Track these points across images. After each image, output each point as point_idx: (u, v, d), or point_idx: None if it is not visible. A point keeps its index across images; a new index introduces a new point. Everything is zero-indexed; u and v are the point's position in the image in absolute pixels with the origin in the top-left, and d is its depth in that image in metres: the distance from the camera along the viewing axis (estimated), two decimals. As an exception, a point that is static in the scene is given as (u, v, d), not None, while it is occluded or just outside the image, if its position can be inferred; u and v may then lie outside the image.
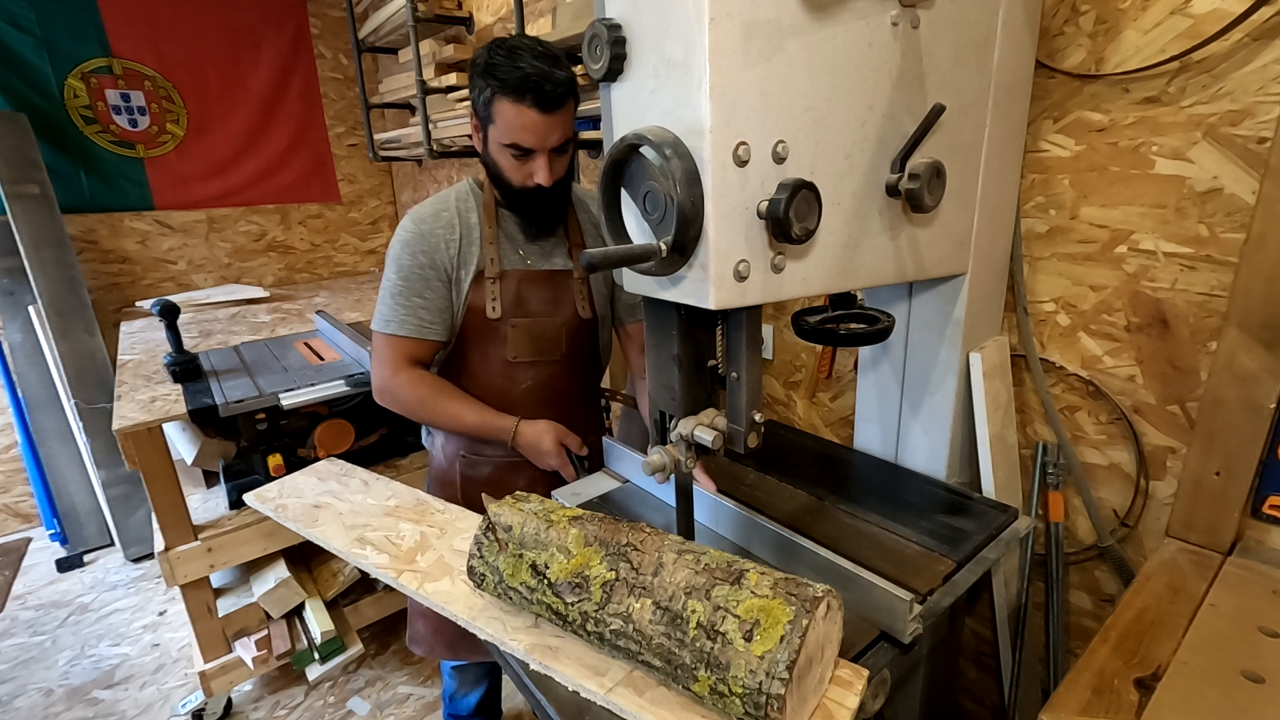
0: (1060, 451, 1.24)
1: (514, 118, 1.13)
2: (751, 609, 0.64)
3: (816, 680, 0.68)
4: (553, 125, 1.15)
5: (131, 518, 2.83)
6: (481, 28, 2.66)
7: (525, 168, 1.19)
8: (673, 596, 0.69)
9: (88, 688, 2.17)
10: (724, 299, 0.73)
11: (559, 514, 0.84)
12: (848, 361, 1.62)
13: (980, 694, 1.51)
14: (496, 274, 1.28)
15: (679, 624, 0.67)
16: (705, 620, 0.66)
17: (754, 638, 0.63)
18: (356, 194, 3.86)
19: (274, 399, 1.81)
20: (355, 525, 1.07)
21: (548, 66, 1.11)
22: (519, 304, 1.30)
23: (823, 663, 0.69)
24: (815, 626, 0.64)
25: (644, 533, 0.77)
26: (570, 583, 0.76)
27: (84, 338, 2.67)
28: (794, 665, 0.61)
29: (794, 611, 0.63)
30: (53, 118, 2.92)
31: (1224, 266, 1.01)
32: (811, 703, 0.68)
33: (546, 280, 1.32)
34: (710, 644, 0.65)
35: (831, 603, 0.68)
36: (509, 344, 1.31)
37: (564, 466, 1.30)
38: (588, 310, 1.33)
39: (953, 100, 0.90)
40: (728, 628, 0.64)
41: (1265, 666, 0.76)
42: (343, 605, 2.13)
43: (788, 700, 0.61)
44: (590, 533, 0.79)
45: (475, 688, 1.72)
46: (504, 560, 0.81)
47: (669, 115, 0.70)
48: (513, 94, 1.10)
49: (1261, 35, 0.92)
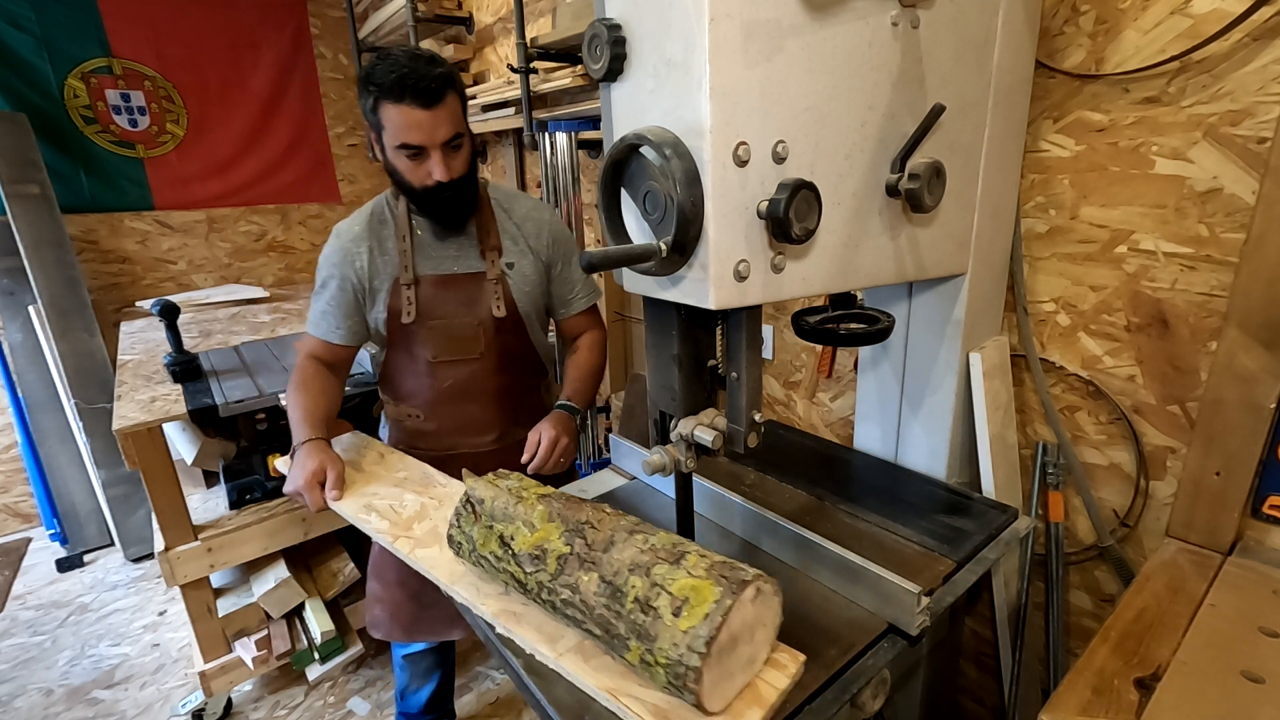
0: (1060, 451, 1.24)
1: (398, 118, 1.17)
2: (684, 588, 0.69)
3: (746, 660, 0.72)
4: (437, 120, 1.18)
5: (131, 518, 2.83)
6: (481, 28, 2.66)
7: (422, 167, 1.23)
8: (617, 572, 0.74)
9: (88, 688, 2.17)
10: (724, 299, 0.73)
11: (530, 491, 0.90)
12: (848, 361, 1.62)
13: (980, 694, 1.51)
14: (410, 280, 1.34)
15: (619, 597, 0.73)
16: (642, 595, 0.71)
17: (681, 614, 0.67)
18: (356, 194, 3.86)
19: (274, 399, 1.81)
20: (365, 493, 1.17)
21: (422, 65, 1.16)
22: (433, 307, 1.36)
23: (753, 644, 0.72)
24: (741, 608, 0.68)
25: (603, 513, 0.83)
26: (531, 554, 0.82)
27: (84, 338, 2.67)
28: (713, 642, 0.65)
29: (721, 592, 0.67)
30: (53, 118, 2.91)
31: (1224, 266, 1.01)
32: (739, 680, 0.72)
33: (459, 283, 1.37)
34: (644, 617, 0.70)
35: (764, 587, 0.72)
36: (427, 345, 1.38)
37: (307, 493, 1.19)
38: (501, 310, 1.37)
39: (953, 100, 0.90)
40: (660, 603, 0.69)
41: (1265, 666, 0.76)
42: (343, 605, 2.13)
43: (705, 674, 0.65)
44: (554, 510, 0.85)
45: (427, 681, 1.73)
46: (477, 531, 0.89)
47: (669, 115, 0.70)
48: (392, 95, 1.15)
49: (1261, 35, 0.92)
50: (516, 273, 1.40)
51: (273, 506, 1.96)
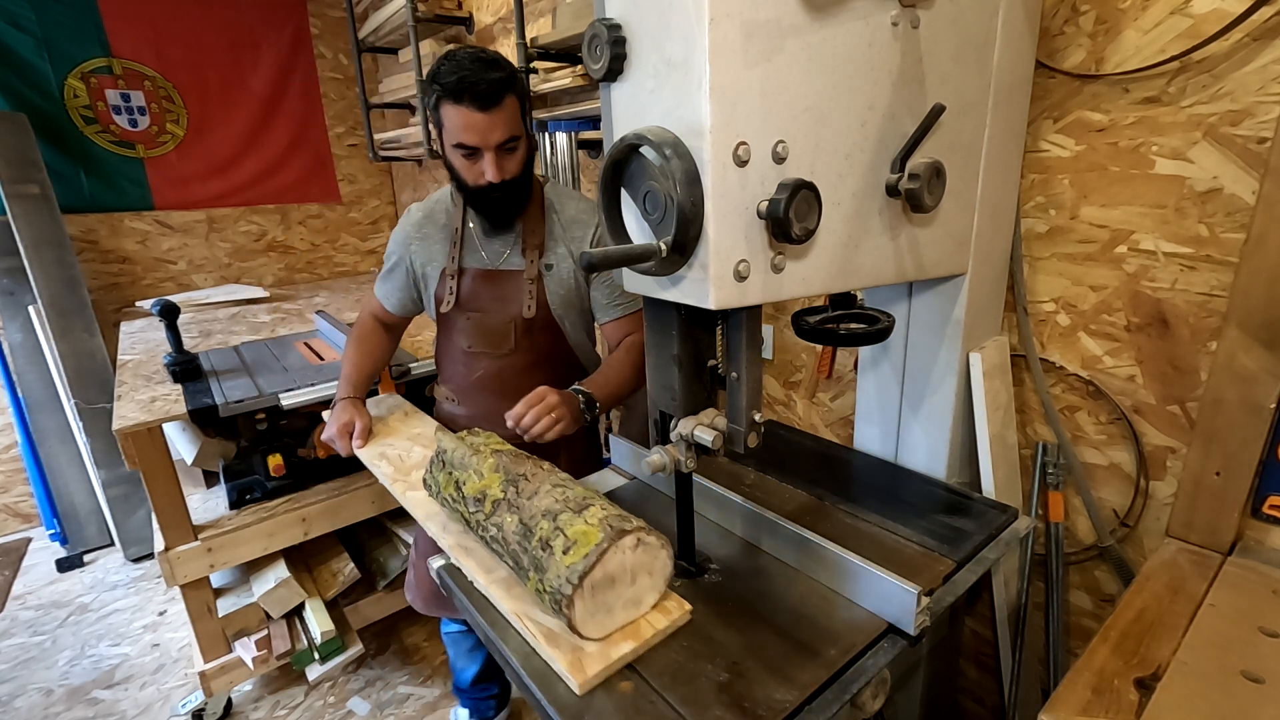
0: (1060, 451, 1.24)
1: (456, 118, 1.22)
2: (577, 532, 0.82)
3: (629, 600, 0.85)
4: (493, 123, 1.22)
5: (131, 518, 2.83)
6: (481, 28, 2.66)
7: (475, 167, 1.27)
8: (532, 516, 0.88)
9: (88, 688, 2.17)
10: (724, 299, 0.73)
11: (488, 448, 1.04)
12: (848, 361, 1.62)
13: (980, 694, 1.51)
14: (455, 270, 1.43)
15: (529, 536, 0.87)
16: (545, 536, 0.84)
17: (570, 552, 0.81)
18: (356, 194, 3.86)
19: (274, 399, 1.81)
20: (383, 444, 1.39)
21: (482, 69, 1.20)
22: (472, 299, 1.44)
23: (635, 587, 0.85)
24: (619, 552, 0.81)
25: (540, 469, 0.97)
26: (474, 498, 0.98)
27: (84, 338, 2.67)
28: (586, 576, 0.78)
29: (603, 538, 0.80)
30: (53, 118, 2.91)
31: (1224, 266, 1.01)
32: (621, 617, 0.84)
33: (498, 279, 1.42)
34: (542, 554, 0.84)
35: (646, 539, 0.84)
36: (463, 335, 1.46)
37: (338, 439, 1.40)
38: (532, 310, 1.40)
39: (953, 100, 0.90)
40: (556, 544, 0.83)
41: (1265, 666, 0.76)
42: (343, 605, 2.13)
43: (576, 602, 0.79)
44: (502, 463, 0.99)
45: (472, 660, 1.81)
46: (442, 476, 1.06)
47: (669, 115, 0.70)
48: (452, 96, 1.20)
49: (1261, 35, 0.92)
50: (554, 274, 1.41)
51: (273, 506, 1.96)
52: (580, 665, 0.79)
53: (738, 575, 0.98)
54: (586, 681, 0.77)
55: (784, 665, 0.80)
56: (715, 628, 0.87)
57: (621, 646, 0.81)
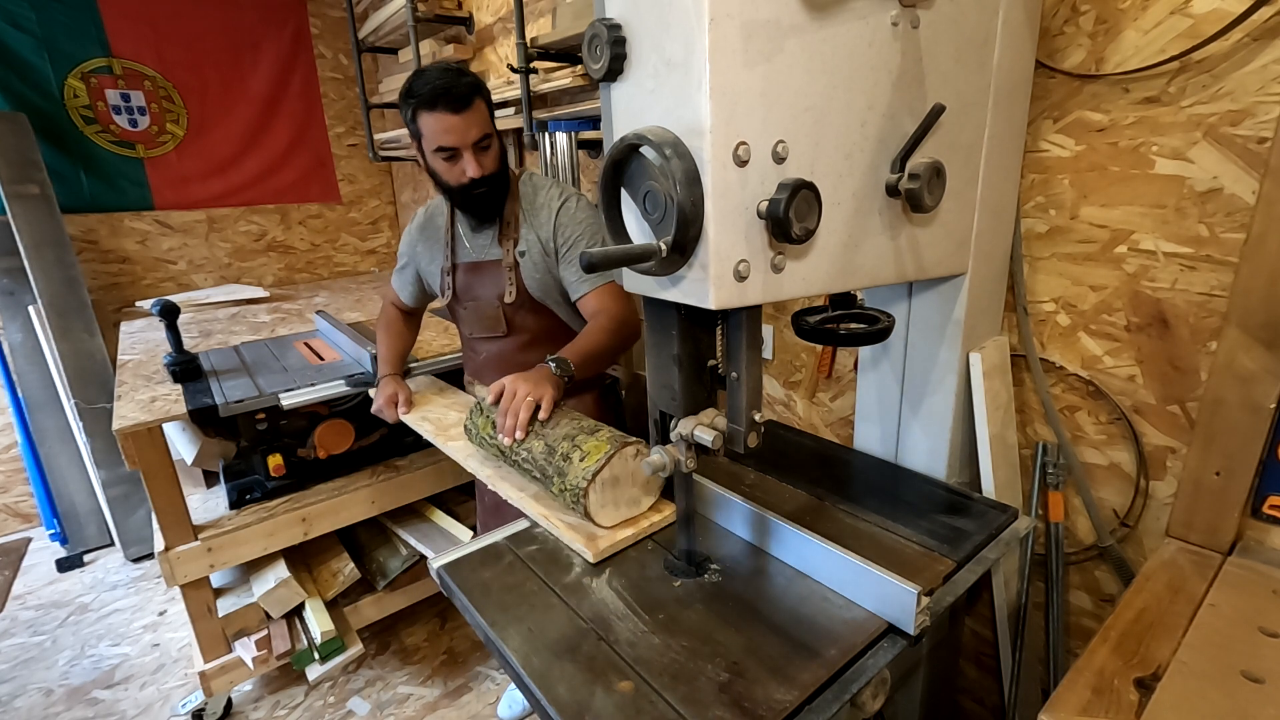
0: (1060, 451, 1.24)
1: (434, 124, 1.33)
2: (590, 447, 1.06)
3: (630, 500, 1.09)
4: (468, 123, 1.34)
5: (131, 518, 2.83)
6: (481, 28, 2.66)
7: (456, 167, 1.39)
8: (556, 440, 1.11)
9: (88, 688, 2.17)
10: (724, 299, 0.73)
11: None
12: (848, 361, 1.62)
13: (980, 694, 1.51)
14: (450, 266, 1.59)
15: (552, 454, 1.10)
16: (566, 452, 1.08)
17: (584, 460, 1.04)
18: (356, 194, 3.86)
19: (274, 399, 1.81)
20: (424, 410, 1.62)
21: (452, 77, 1.32)
22: (465, 290, 1.59)
23: (635, 488, 1.09)
24: (622, 458, 1.05)
25: (561, 412, 1.20)
26: None
27: (84, 338, 2.67)
28: (598, 475, 1.02)
29: (610, 449, 1.04)
30: (53, 118, 2.91)
31: (1224, 266, 1.01)
32: (625, 512, 1.08)
33: (484, 269, 1.56)
34: (564, 464, 1.07)
35: (644, 450, 1.06)
36: (465, 323, 1.64)
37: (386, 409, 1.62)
38: (513, 295, 1.52)
39: (953, 100, 0.90)
40: (574, 456, 1.06)
41: (1265, 666, 0.76)
42: (343, 605, 2.12)
43: (590, 494, 1.02)
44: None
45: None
46: (480, 420, 1.28)
47: (669, 115, 0.70)
48: (428, 105, 1.31)
49: (1261, 35, 0.92)
50: (527, 259, 1.51)
51: (273, 506, 1.96)
52: (594, 543, 1.02)
53: (738, 575, 0.98)
54: (599, 552, 1.01)
55: (784, 665, 0.80)
56: (715, 628, 0.87)
57: (624, 531, 1.06)
